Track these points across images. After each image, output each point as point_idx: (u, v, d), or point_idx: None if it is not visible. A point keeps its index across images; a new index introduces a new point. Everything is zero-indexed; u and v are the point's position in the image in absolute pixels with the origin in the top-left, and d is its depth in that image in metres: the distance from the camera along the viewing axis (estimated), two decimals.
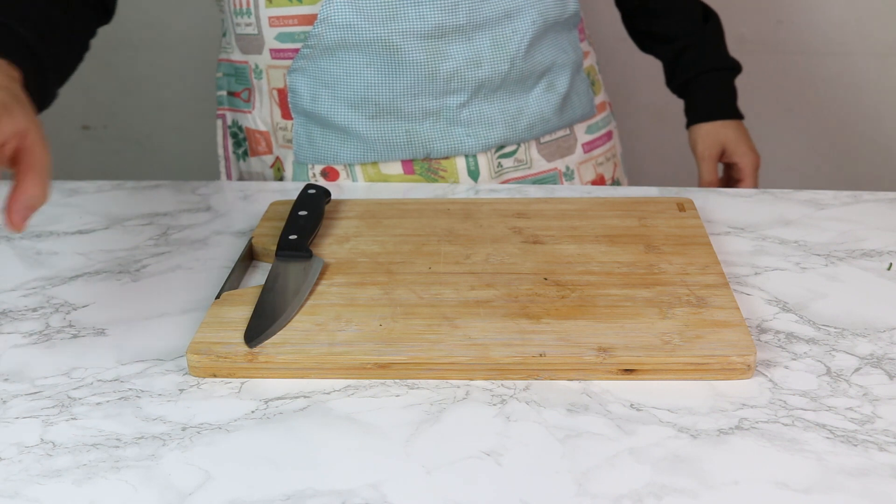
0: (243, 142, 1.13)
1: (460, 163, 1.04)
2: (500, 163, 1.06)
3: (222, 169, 1.18)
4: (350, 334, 0.70)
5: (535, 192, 1.00)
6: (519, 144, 1.06)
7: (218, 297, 0.76)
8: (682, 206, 0.90)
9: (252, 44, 1.05)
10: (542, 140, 1.08)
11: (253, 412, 0.65)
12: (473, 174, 1.05)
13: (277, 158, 1.09)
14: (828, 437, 0.61)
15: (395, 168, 1.04)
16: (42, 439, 0.63)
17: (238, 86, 1.10)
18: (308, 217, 0.85)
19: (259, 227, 0.88)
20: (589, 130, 1.12)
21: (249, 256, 0.85)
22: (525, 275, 0.79)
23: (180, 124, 2.17)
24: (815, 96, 1.90)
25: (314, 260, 0.80)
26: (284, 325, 0.72)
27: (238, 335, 0.71)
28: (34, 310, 0.79)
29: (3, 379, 0.69)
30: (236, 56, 1.09)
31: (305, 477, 0.58)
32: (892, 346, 0.71)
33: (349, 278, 0.79)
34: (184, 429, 0.63)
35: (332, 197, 0.94)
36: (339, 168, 1.05)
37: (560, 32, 1.06)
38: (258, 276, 0.83)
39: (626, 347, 0.68)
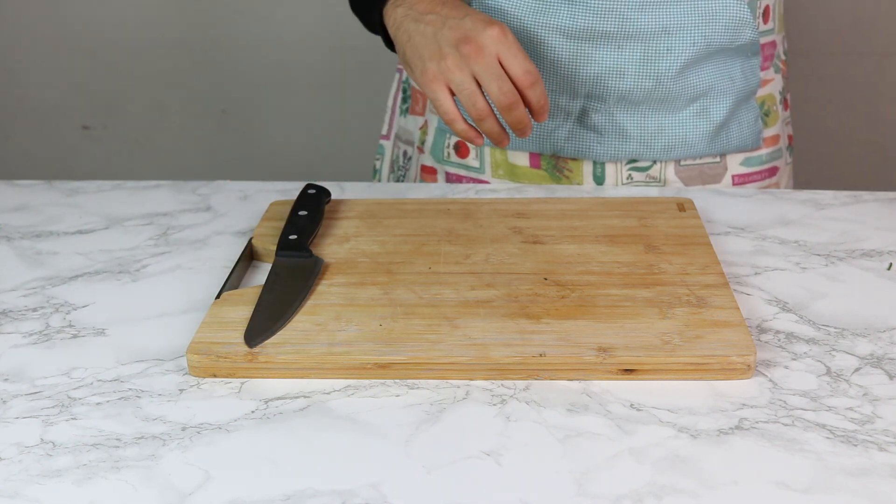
0: (408, 98, 1.13)
1: (587, 167, 1.02)
2: (630, 175, 1.02)
3: (386, 120, 1.18)
4: (350, 334, 0.70)
5: (534, 191, 1.00)
6: (655, 162, 1.02)
7: (218, 297, 0.76)
8: (682, 206, 0.90)
9: None
10: (683, 162, 1.02)
11: (253, 412, 0.65)
12: (599, 179, 1.02)
13: (426, 122, 1.09)
14: (828, 437, 0.61)
15: (523, 159, 1.03)
16: (42, 439, 0.63)
17: None
18: (308, 217, 0.85)
19: (259, 227, 0.88)
20: (746, 163, 1.04)
21: (249, 256, 0.85)
22: (525, 275, 0.79)
23: (180, 124, 2.17)
24: (815, 96, 1.90)
25: (314, 260, 0.80)
26: (284, 326, 0.72)
27: (238, 335, 0.71)
28: (34, 310, 0.79)
29: (3, 379, 0.69)
30: None
31: (305, 477, 0.58)
32: (892, 346, 0.71)
33: (349, 278, 0.79)
34: (184, 429, 0.63)
35: (333, 197, 0.94)
36: (471, 146, 1.04)
37: (730, 58, 0.99)
38: (258, 276, 0.83)
39: (626, 347, 0.68)
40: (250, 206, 0.97)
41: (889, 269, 0.82)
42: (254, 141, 2.19)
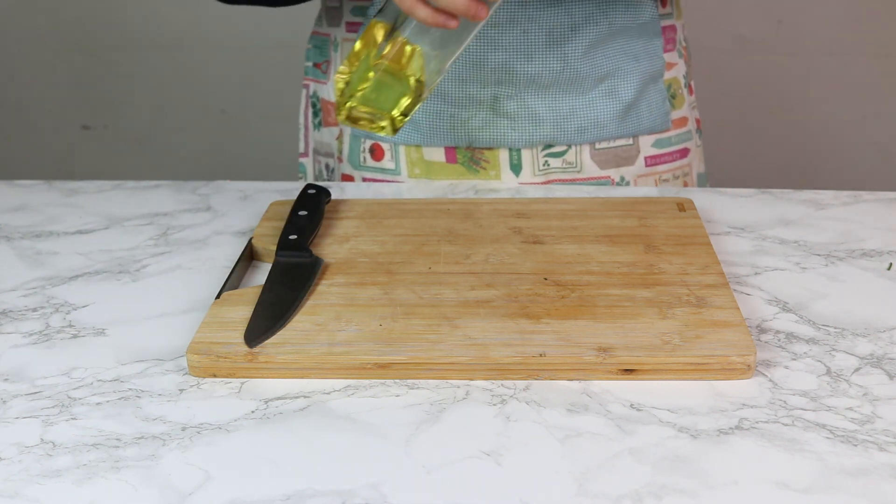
0: (319, 112, 1.14)
1: (503, 155, 1.03)
2: (546, 161, 1.04)
3: (301, 138, 1.19)
4: (350, 334, 0.70)
5: (534, 192, 1.00)
6: (570, 146, 1.04)
7: (218, 297, 0.76)
8: (682, 206, 0.90)
9: (334, 17, 1.08)
10: (598, 146, 1.04)
11: (253, 412, 0.65)
12: (516, 168, 1.03)
13: (341, 130, 1.10)
14: (828, 437, 0.61)
15: (439, 154, 1.04)
16: (42, 439, 0.63)
17: (320, 57, 1.12)
18: (308, 217, 0.85)
19: (259, 227, 0.88)
20: (658, 144, 1.07)
21: (249, 256, 0.85)
22: (525, 275, 0.79)
23: (180, 124, 2.17)
24: (815, 96, 1.90)
25: (314, 260, 0.80)
26: (284, 326, 0.72)
27: (238, 335, 0.71)
28: (34, 310, 0.79)
29: (3, 379, 0.69)
30: (323, 29, 1.11)
31: (305, 477, 0.58)
32: (892, 346, 0.71)
33: (349, 278, 0.79)
34: (184, 429, 0.63)
35: (333, 197, 0.94)
36: (385, 148, 1.05)
37: (632, 39, 1.03)
38: (258, 276, 0.83)
39: (626, 347, 0.68)
40: (250, 206, 0.97)
41: (889, 269, 0.82)
42: (254, 141, 2.19)
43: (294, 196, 0.94)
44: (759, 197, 0.97)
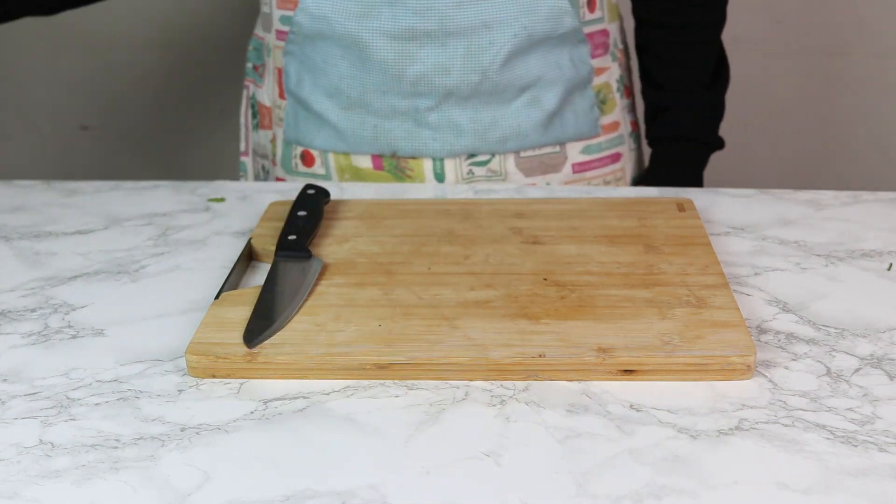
0: (257, 114, 1.15)
1: (427, 164, 1.04)
2: (471, 170, 1.04)
3: (242, 137, 1.20)
4: (349, 335, 0.70)
5: (534, 192, 1.00)
6: (493, 155, 1.04)
7: (217, 297, 0.76)
8: (682, 207, 0.90)
9: (266, 22, 1.09)
10: (522, 154, 1.04)
11: (252, 413, 0.65)
12: (439, 177, 1.04)
13: (274, 135, 1.11)
14: (828, 438, 0.61)
15: (365, 162, 1.05)
16: (41, 440, 0.63)
17: (258, 60, 1.13)
18: (307, 217, 0.85)
19: (258, 227, 0.88)
20: (587, 150, 1.07)
21: (249, 257, 0.85)
22: (524, 275, 0.78)
23: (180, 124, 2.17)
24: (815, 96, 1.90)
25: (313, 260, 0.80)
26: (283, 326, 0.72)
27: (237, 336, 0.70)
28: (33, 310, 0.79)
29: (2, 380, 0.69)
30: (260, 32, 1.12)
31: (304, 478, 0.58)
32: (892, 347, 0.71)
33: (348, 279, 0.79)
34: (183, 429, 0.63)
35: (332, 197, 0.94)
36: (315, 154, 1.06)
37: (555, 48, 1.02)
38: (257, 277, 0.83)
39: (626, 348, 0.68)
40: (249, 206, 0.97)
41: (889, 269, 0.82)
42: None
43: (293, 196, 0.94)
44: (759, 197, 0.97)
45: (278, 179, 1.11)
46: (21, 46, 2.08)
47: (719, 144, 1.12)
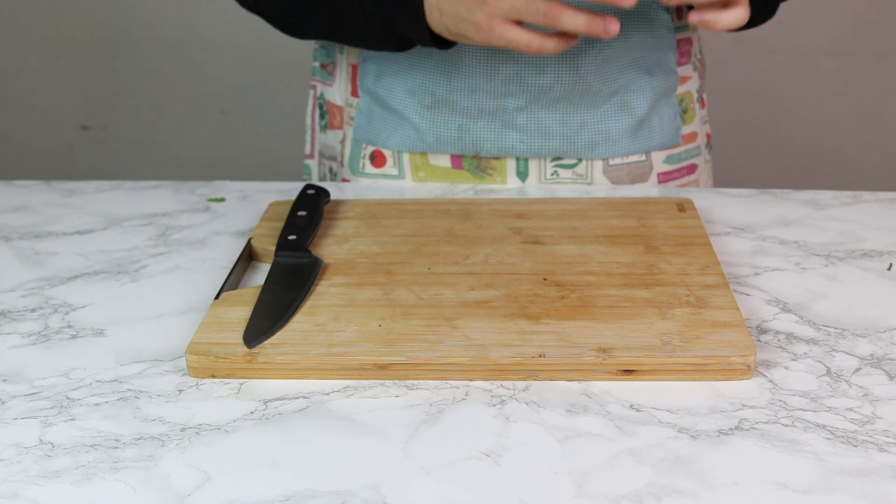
0: (326, 114, 1.13)
1: (510, 164, 1.02)
2: (556, 171, 1.02)
3: (307, 139, 1.18)
4: (349, 335, 0.70)
5: (534, 192, 1.00)
6: (580, 160, 1.02)
7: (217, 297, 0.76)
8: (682, 207, 0.90)
9: None
10: (611, 162, 1.02)
11: (252, 413, 0.65)
12: (522, 175, 1.02)
13: (345, 135, 1.09)
14: (828, 438, 0.61)
15: (444, 160, 1.03)
16: (41, 440, 0.63)
17: (327, 58, 1.10)
18: (307, 217, 0.85)
19: (258, 227, 0.88)
20: (669, 160, 1.05)
21: (248, 257, 0.85)
22: (524, 275, 0.78)
23: (180, 124, 2.17)
24: (815, 96, 1.90)
25: (313, 260, 0.80)
26: (283, 326, 0.72)
27: (237, 336, 0.70)
28: (33, 310, 0.79)
29: (2, 380, 0.69)
30: None
31: (304, 478, 0.58)
32: (892, 347, 0.71)
33: (348, 279, 0.79)
34: (183, 429, 0.63)
35: (332, 197, 0.94)
36: (387, 155, 1.04)
37: (648, 53, 1.00)
38: (257, 277, 0.83)
39: (626, 348, 0.68)
40: (250, 206, 0.97)
41: (889, 269, 0.82)
42: (254, 141, 2.18)
43: (293, 196, 0.94)
44: (759, 197, 0.97)
45: (344, 181, 1.09)
46: (21, 46, 2.08)
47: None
